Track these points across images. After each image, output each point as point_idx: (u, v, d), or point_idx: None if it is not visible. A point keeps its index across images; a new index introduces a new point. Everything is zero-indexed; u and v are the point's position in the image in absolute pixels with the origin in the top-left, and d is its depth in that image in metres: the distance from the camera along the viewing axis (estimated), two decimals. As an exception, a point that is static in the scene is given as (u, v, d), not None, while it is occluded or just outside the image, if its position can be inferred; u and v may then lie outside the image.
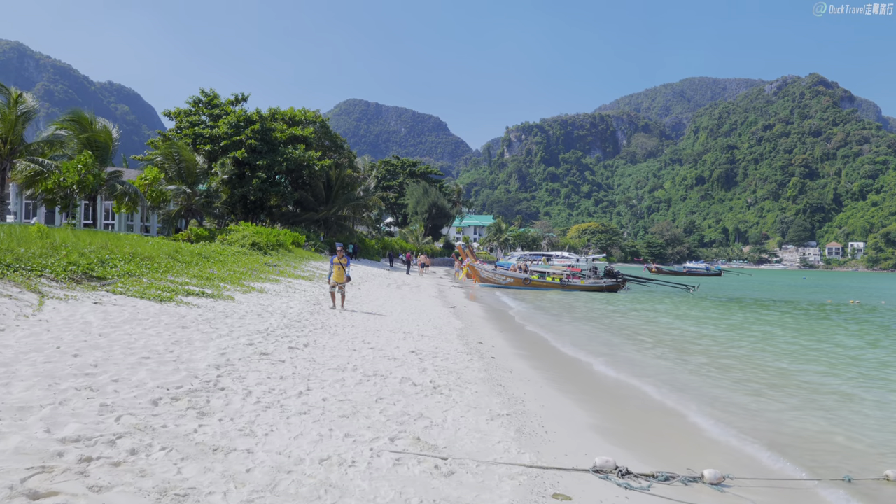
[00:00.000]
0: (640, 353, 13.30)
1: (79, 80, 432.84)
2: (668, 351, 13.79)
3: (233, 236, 29.82)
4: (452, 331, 13.92)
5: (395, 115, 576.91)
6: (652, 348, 14.11)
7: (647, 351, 13.73)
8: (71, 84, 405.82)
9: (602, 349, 13.59)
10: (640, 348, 14.04)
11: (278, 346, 8.76)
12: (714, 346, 14.91)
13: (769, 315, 24.99)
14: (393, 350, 10.01)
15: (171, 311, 10.32)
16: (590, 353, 12.82)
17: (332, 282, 14.77)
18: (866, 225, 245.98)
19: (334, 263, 14.73)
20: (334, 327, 11.87)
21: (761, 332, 18.83)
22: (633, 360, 12.42)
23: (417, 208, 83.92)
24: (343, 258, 14.76)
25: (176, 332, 8.50)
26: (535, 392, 8.33)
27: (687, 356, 13.08)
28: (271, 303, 13.96)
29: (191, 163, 32.05)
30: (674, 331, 18.16)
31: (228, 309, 11.76)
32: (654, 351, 13.71)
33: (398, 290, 25.70)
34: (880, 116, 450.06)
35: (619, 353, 13.13)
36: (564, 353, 12.63)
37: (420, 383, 7.66)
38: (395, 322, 14.19)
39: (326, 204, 50.54)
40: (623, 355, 12.93)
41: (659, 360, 12.55)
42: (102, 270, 12.38)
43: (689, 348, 14.38)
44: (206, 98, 47.79)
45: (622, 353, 13.17)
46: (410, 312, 16.87)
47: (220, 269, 18.25)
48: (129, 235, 20.71)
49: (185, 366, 6.62)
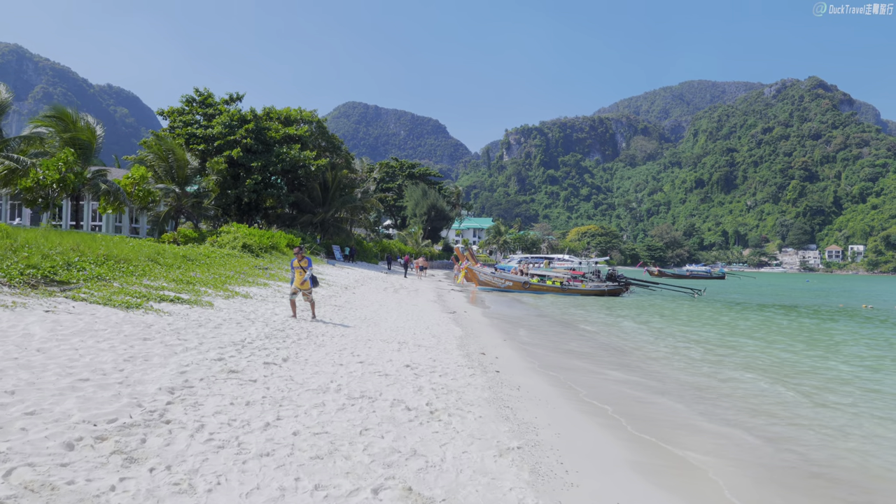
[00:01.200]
0: (668, 365, 12.16)
1: (78, 82, 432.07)
2: (699, 361, 12.66)
3: (223, 238, 28.69)
4: (452, 340, 12.80)
5: (394, 118, 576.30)
6: (678, 356, 12.98)
7: (672, 360, 12.60)
8: (70, 87, 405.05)
9: (623, 360, 12.45)
10: (669, 357, 12.91)
11: (252, 362, 7.63)
12: (757, 355, 13.79)
13: (792, 319, 23.90)
14: (385, 364, 8.87)
15: (137, 319, 9.19)
16: (606, 363, 11.69)
17: (293, 288, 12.66)
18: (866, 228, 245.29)
19: (294, 267, 12.64)
20: (321, 337, 10.74)
21: (804, 340, 17.71)
22: (660, 373, 11.27)
23: (416, 210, 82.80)
24: (303, 260, 12.62)
25: (134, 346, 7.37)
26: (549, 415, 7.19)
27: (720, 367, 11.96)
28: (255, 309, 12.83)
29: (181, 162, 30.92)
30: (698, 336, 17.04)
31: (204, 317, 10.63)
32: (678, 359, 12.58)
33: (395, 295, 24.59)
34: (879, 119, 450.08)
35: (641, 365, 11.99)
36: (577, 364, 11.49)
37: (415, 407, 6.53)
38: (390, 330, 13.07)
39: (323, 206, 49.41)
40: (651, 369, 11.79)
41: (690, 371, 11.41)
42: (67, 274, 11.24)
43: (725, 360, 13.25)
44: (201, 97, 46.76)
45: (647, 367, 12.03)
46: (407, 319, 15.74)
47: (205, 272, 17.13)
48: (109, 237, 19.59)
49: (131, 390, 5.49)
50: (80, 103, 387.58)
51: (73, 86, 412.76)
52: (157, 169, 31.61)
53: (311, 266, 12.56)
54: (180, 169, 30.89)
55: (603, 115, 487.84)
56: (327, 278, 26.23)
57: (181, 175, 30.95)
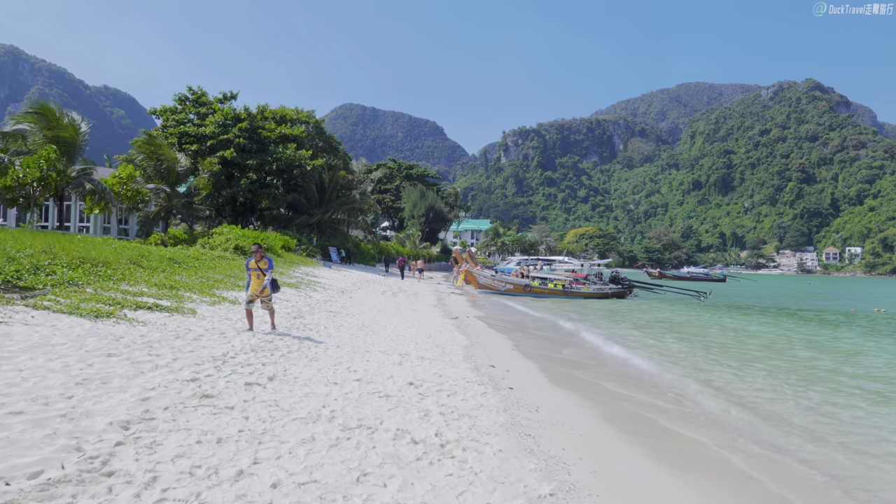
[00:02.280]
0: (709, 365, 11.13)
1: (74, 83, 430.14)
2: (723, 366, 11.63)
3: (215, 240, 27.64)
4: (457, 349, 11.76)
5: (391, 120, 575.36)
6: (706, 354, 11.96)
7: (698, 358, 11.57)
8: (66, 88, 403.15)
9: (644, 378, 11.41)
10: (699, 356, 11.88)
11: (232, 382, 6.57)
12: (795, 363, 12.78)
13: (812, 325, 22.92)
14: (385, 381, 7.83)
15: (105, 331, 8.13)
16: (624, 381, 10.66)
17: (248, 294, 10.39)
18: (864, 230, 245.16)
19: (250, 269, 10.48)
20: (314, 349, 9.68)
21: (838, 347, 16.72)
22: (686, 395, 10.22)
23: (414, 212, 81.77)
24: (262, 261, 10.46)
25: (94, 364, 6.32)
26: (579, 445, 6.15)
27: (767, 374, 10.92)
28: (243, 316, 11.77)
29: (171, 161, 29.83)
30: (721, 337, 16.01)
31: (184, 326, 9.57)
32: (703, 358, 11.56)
33: (394, 299, 23.54)
34: (876, 121, 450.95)
35: (663, 385, 10.96)
36: (596, 382, 10.44)
37: (422, 439, 5.49)
38: (390, 339, 12.02)
39: (320, 207, 48.35)
40: (678, 390, 10.75)
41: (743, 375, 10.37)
42: (33, 279, 10.18)
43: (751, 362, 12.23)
44: (194, 96, 45.68)
45: (673, 387, 11.00)
46: (408, 326, 14.69)
47: (192, 276, 16.07)
48: (90, 238, 18.50)
49: (73, 426, 4.45)
50: (76, 104, 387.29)
51: (69, 87, 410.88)
52: (146, 168, 30.52)
53: (271, 268, 10.49)
54: (170, 168, 29.79)
55: (600, 117, 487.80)
56: (323, 281, 25.18)
57: (171, 174, 29.86)
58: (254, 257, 10.49)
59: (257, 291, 10.34)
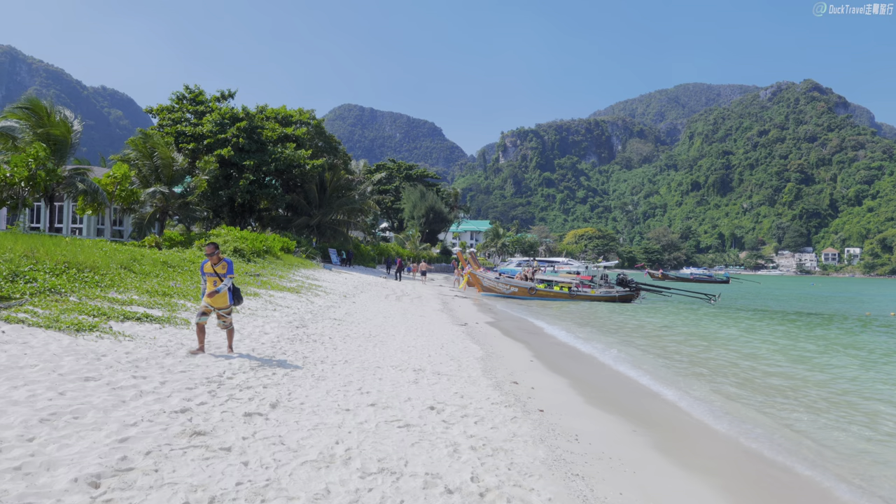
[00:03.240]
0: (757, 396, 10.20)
1: (71, 84, 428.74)
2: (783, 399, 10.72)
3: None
4: (473, 362, 10.84)
5: (389, 121, 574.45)
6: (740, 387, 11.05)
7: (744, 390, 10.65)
8: (63, 88, 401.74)
9: (696, 387, 10.50)
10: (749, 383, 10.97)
11: (229, 412, 5.63)
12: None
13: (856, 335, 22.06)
14: (403, 406, 6.90)
15: (86, 347, 7.19)
16: (673, 386, 9.76)
17: (203, 305, 8.19)
18: (862, 231, 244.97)
19: (206, 274, 8.31)
20: (321, 364, 8.74)
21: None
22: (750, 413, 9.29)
23: (414, 213, 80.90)
24: (219, 263, 8.25)
25: (68, 392, 5.39)
26: (639, 489, 5.23)
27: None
28: (241, 327, 10.83)
29: (167, 160, 28.87)
30: (758, 361, 15.11)
31: (176, 340, 8.64)
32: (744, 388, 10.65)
33: (398, 303, 22.62)
34: (874, 122, 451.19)
35: (715, 399, 10.05)
36: (634, 398, 9.52)
37: (457, 486, 4.56)
38: (401, 351, 11.08)
39: (320, 207, 47.41)
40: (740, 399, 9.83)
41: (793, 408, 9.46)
42: (10, 287, 9.23)
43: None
44: (191, 94, 44.77)
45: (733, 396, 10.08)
46: (417, 335, 13.76)
47: (187, 281, 15.13)
48: (79, 240, 17.55)
49: (27, 487, 3.51)
50: (73, 105, 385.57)
51: (66, 87, 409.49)
52: (141, 168, 29.56)
53: (231, 273, 8.25)
54: (166, 167, 28.83)
55: (599, 118, 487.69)
56: (324, 285, 24.25)
57: (167, 174, 28.89)
58: (209, 259, 8.25)
59: (212, 300, 8.18)
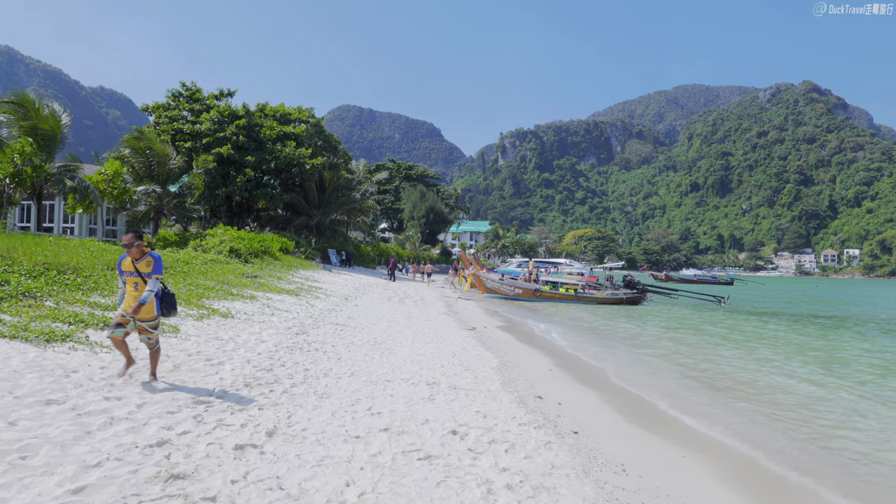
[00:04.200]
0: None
1: (69, 84, 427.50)
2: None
3: (208, 242, 25.72)
4: (489, 372, 9.91)
5: (388, 121, 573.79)
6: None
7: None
8: (61, 88, 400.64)
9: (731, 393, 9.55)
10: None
11: (216, 446, 4.68)
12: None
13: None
14: (421, 429, 5.96)
15: (54, 362, 6.24)
16: (703, 401, 8.82)
17: (118, 314, 5.95)
18: (862, 232, 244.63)
19: (124, 272, 6.02)
20: (324, 378, 7.80)
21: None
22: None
23: (414, 213, 79.99)
24: (144, 259, 5.98)
25: (20, 421, 4.45)
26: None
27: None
28: (236, 334, 9.88)
29: (162, 157, 27.91)
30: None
31: (161, 350, 7.70)
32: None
33: (402, 306, 21.68)
34: (872, 124, 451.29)
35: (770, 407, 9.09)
36: (670, 410, 8.57)
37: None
38: (410, 360, 10.14)
39: (319, 207, 46.44)
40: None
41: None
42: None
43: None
44: (188, 92, 43.75)
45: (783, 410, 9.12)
46: (426, 341, 12.82)
47: (179, 283, 14.18)
48: (64, 240, 16.60)
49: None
50: (71, 105, 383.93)
51: (64, 87, 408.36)
52: (135, 165, 28.60)
53: (158, 272, 5.96)
54: (161, 165, 27.87)
55: (598, 119, 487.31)
56: (324, 287, 23.31)
57: (162, 172, 27.93)
58: (128, 253, 5.94)
59: (131, 311, 5.81)
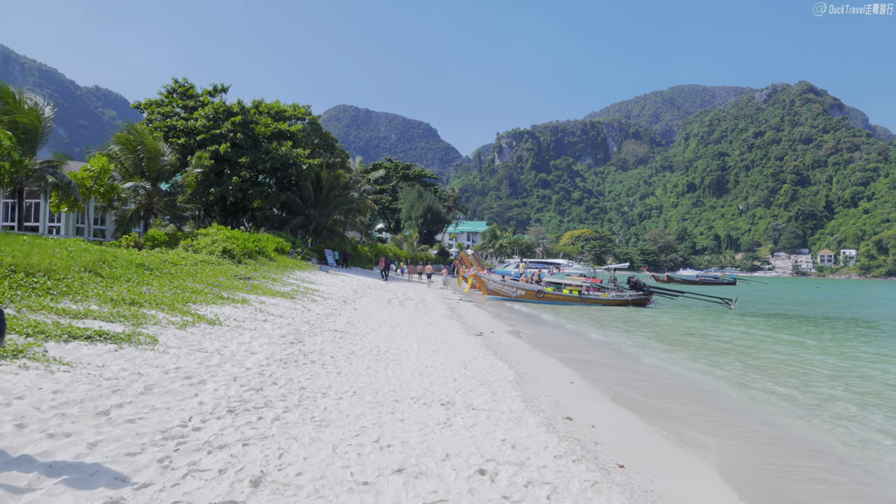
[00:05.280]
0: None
1: (65, 84, 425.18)
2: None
3: (200, 241, 24.61)
4: (507, 387, 8.86)
5: (385, 121, 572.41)
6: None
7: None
8: (56, 88, 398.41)
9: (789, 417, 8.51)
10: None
11: (186, 501, 3.63)
12: None
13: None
14: (441, 468, 4.90)
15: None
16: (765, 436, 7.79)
17: None
18: (858, 232, 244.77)
19: None
20: (322, 399, 6.72)
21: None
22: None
23: (412, 213, 78.89)
24: None
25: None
26: None
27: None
28: (223, 345, 8.80)
29: (152, 153, 26.77)
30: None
31: (133, 367, 6.60)
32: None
33: (402, 309, 20.62)
34: (868, 124, 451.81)
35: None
36: (741, 433, 7.52)
37: None
38: (419, 374, 9.07)
39: (316, 207, 45.31)
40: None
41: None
42: (-78, 297, 7.21)
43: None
44: (181, 88, 42.57)
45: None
46: (433, 350, 11.75)
47: (164, 286, 13.09)
48: (39, 239, 15.49)
49: None
50: (67, 105, 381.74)
51: (59, 87, 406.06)
52: (124, 162, 27.46)
53: None
54: (151, 161, 26.72)
55: (594, 119, 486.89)
56: (321, 289, 22.23)
57: (152, 168, 26.78)
58: None
59: None
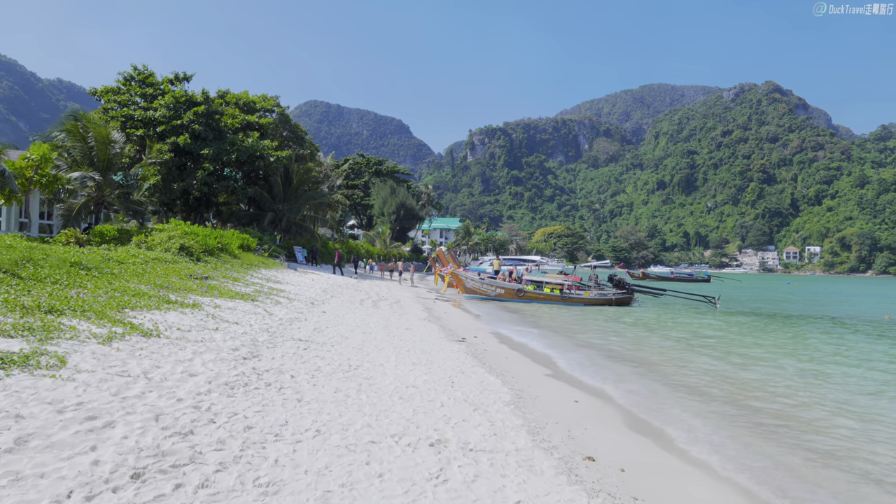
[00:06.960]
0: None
1: (25, 76, 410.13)
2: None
3: (154, 238, 22.55)
4: (505, 411, 7.34)
5: (356, 117, 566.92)
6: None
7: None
8: (16, 80, 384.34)
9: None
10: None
11: None
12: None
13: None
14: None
15: None
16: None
17: None
18: (822, 230, 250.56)
19: None
20: (273, 444, 5.09)
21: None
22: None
23: (384, 209, 76.95)
24: None
25: None
26: None
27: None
28: (153, 364, 7.07)
29: (102, 140, 24.56)
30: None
31: (13, 405, 4.84)
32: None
33: (376, 311, 18.98)
34: (831, 124, 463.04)
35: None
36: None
37: None
38: (399, 397, 7.48)
39: (285, 202, 43.23)
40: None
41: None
42: None
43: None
44: (140, 76, 40.01)
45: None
46: (413, 362, 10.17)
47: (99, 288, 11.22)
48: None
49: None
50: (27, 98, 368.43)
51: (19, 79, 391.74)
52: (71, 150, 25.18)
53: None
54: (101, 149, 24.51)
55: (566, 117, 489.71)
56: (287, 289, 20.43)
57: (102, 157, 24.56)
58: None
59: None
